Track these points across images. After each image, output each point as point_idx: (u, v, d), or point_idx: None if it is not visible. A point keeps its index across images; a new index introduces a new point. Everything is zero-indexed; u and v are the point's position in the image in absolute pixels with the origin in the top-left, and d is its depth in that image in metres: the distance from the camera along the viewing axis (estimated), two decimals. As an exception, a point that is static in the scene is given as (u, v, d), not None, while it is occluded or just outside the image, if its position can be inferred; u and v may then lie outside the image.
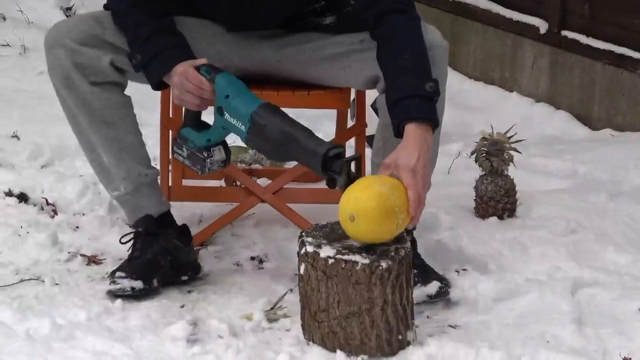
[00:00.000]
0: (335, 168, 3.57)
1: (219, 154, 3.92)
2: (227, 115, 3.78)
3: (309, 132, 3.70)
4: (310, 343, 3.70)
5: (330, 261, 3.58)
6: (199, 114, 3.93)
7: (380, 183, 3.54)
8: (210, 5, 4.12)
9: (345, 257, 3.57)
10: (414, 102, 3.60)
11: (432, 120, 3.62)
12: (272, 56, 4.14)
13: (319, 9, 4.13)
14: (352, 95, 4.32)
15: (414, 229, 4.05)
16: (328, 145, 3.62)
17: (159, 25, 3.95)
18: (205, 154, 3.91)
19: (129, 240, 4.11)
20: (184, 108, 3.99)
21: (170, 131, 4.31)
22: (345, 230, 3.58)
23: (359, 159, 3.91)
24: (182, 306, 3.96)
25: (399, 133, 3.66)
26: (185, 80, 3.80)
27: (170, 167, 4.40)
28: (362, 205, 3.49)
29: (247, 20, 4.11)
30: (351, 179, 3.56)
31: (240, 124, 3.75)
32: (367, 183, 3.57)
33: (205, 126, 3.93)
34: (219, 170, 4.04)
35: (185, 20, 4.07)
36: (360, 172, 3.86)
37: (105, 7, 4.08)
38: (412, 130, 3.56)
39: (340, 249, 3.58)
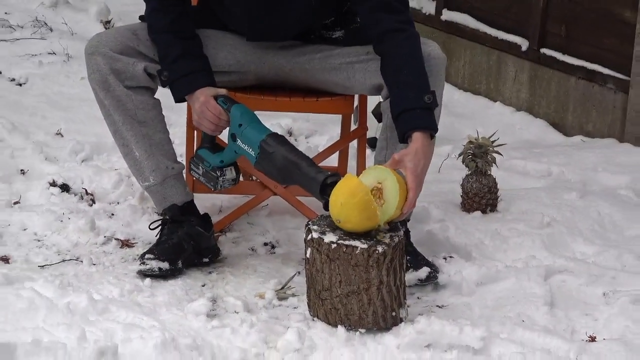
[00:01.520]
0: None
1: (230, 174, 4.01)
2: (239, 142, 3.87)
3: (310, 161, 3.79)
4: (315, 319, 3.74)
5: (333, 246, 3.62)
6: (214, 137, 4.01)
7: (364, 189, 3.59)
8: (233, 18, 4.12)
9: (346, 242, 3.62)
10: (415, 113, 3.65)
11: (431, 128, 3.67)
12: (286, 65, 4.15)
13: (329, 23, 4.14)
14: (355, 102, 4.33)
15: (408, 220, 4.08)
16: (326, 173, 3.72)
17: (187, 48, 3.99)
18: (218, 173, 3.99)
19: (158, 227, 4.15)
20: (202, 131, 4.03)
21: (195, 135, 4.34)
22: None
23: None
24: (203, 285, 4.00)
25: (403, 139, 3.72)
26: (206, 109, 3.88)
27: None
28: (346, 212, 3.59)
29: (264, 32, 4.11)
30: None
31: (250, 150, 3.83)
32: (351, 190, 3.60)
33: (219, 148, 4.01)
34: (229, 188, 4.08)
35: (209, 32, 4.11)
36: None
37: (141, 18, 4.13)
38: (416, 137, 3.62)
39: (341, 235, 3.63)
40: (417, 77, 3.75)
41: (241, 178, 4.18)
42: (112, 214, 4.47)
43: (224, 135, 4.02)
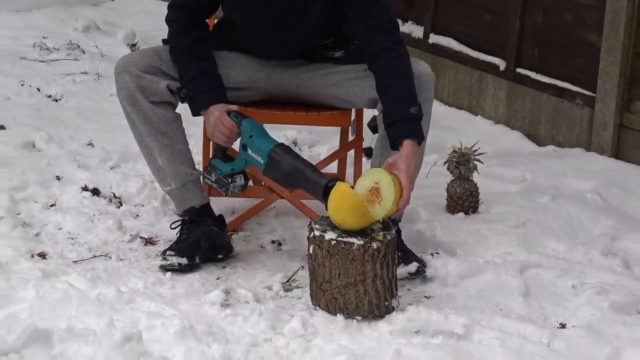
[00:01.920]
0: None
1: (240, 181, 4.02)
2: (249, 151, 3.89)
3: (313, 168, 3.82)
4: (317, 308, 3.74)
5: (333, 243, 3.63)
6: (226, 148, 4.03)
7: (352, 193, 3.64)
8: (245, 39, 4.13)
9: (344, 239, 3.63)
10: (403, 123, 3.67)
11: (417, 136, 3.68)
12: (292, 81, 4.15)
13: (330, 44, 4.13)
14: (353, 116, 4.33)
15: (400, 220, 4.08)
16: (327, 178, 3.75)
17: (203, 68, 4.01)
18: (229, 180, 4.01)
19: (177, 226, 4.15)
20: (215, 143, 4.05)
21: (209, 146, 4.35)
22: None
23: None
24: (218, 278, 4.00)
25: (394, 147, 3.73)
26: (220, 123, 3.90)
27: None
28: (340, 215, 3.63)
29: (273, 51, 4.12)
30: None
31: (260, 158, 3.85)
32: (341, 196, 3.63)
33: (230, 158, 4.03)
34: (240, 194, 4.10)
35: (224, 53, 4.12)
36: None
37: (164, 41, 4.14)
38: (405, 144, 3.64)
39: (340, 233, 3.64)
40: (406, 91, 3.76)
41: (250, 183, 4.18)
42: (137, 215, 4.47)
43: (232, 145, 4.05)
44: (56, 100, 5.72)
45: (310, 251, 3.72)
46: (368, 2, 3.88)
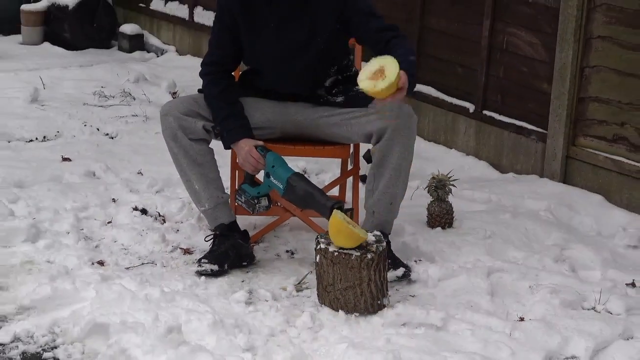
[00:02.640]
0: None
1: (264, 202, 4.04)
2: (272, 178, 3.93)
3: (321, 192, 3.86)
4: (323, 305, 3.74)
5: (335, 253, 3.64)
6: (253, 176, 4.05)
7: (345, 225, 3.65)
8: (263, 79, 4.15)
9: (345, 251, 3.64)
10: (405, 63, 3.62)
11: (411, 72, 3.68)
12: (303, 121, 4.15)
13: (334, 92, 4.13)
14: (351, 150, 4.33)
15: (389, 234, 4.07)
16: (332, 201, 3.78)
17: (233, 110, 4.04)
18: (256, 201, 4.03)
19: (210, 239, 4.15)
20: (244, 171, 4.07)
21: (236, 174, 4.35)
22: None
23: (352, 210, 3.98)
24: (243, 281, 4.00)
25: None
26: (249, 156, 3.93)
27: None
28: (337, 242, 3.68)
29: (285, 82, 4.12)
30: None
31: (280, 184, 3.89)
32: (336, 228, 3.66)
33: (256, 184, 4.04)
34: (264, 212, 4.12)
35: (248, 99, 4.13)
36: (353, 217, 3.90)
37: (199, 90, 4.15)
38: (403, 73, 3.59)
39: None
40: (408, 51, 3.79)
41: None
42: (178, 230, 4.47)
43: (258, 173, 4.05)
44: (112, 138, 5.74)
45: (317, 260, 3.73)
46: (368, 20, 3.93)
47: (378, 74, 3.61)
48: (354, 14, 3.96)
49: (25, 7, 7.60)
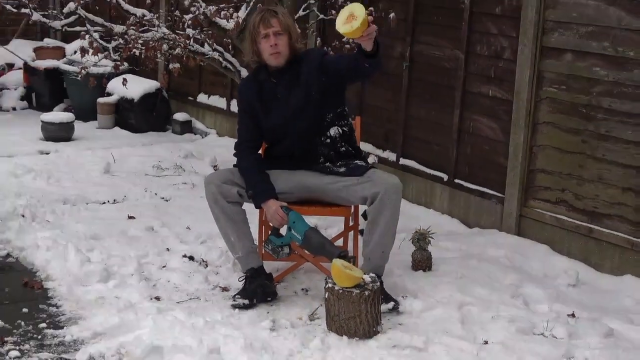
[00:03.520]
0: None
1: (286, 250, 4.05)
2: (293, 231, 3.95)
3: (330, 243, 3.93)
4: (330, 332, 3.74)
5: (340, 291, 3.66)
6: (278, 229, 4.05)
7: (344, 272, 3.65)
8: (279, 150, 4.16)
9: (347, 289, 3.66)
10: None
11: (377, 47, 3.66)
12: (313, 187, 4.14)
13: (339, 164, 4.10)
14: (352, 210, 4.33)
15: (382, 275, 4.04)
16: (339, 250, 3.84)
17: (261, 178, 4.06)
18: (280, 249, 4.04)
19: (243, 280, 4.13)
20: (271, 225, 4.07)
21: (263, 229, 4.35)
22: None
23: (353, 257, 3.98)
24: (268, 312, 3.98)
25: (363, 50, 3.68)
26: (276, 214, 3.94)
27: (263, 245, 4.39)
28: (340, 284, 3.68)
29: (296, 144, 4.10)
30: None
31: (299, 236, 3.92)
32: (337, 276, 3.66)
33: (281, 235, 4.04)
34: (286, 258, 4.12)
35: (272, 171, 4.13)
36: (354, 262, 3.89)
37: (234, 165, 4.17)
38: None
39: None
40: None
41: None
42: (217, 272, 4.45)
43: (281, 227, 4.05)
44: (167, 201, 5.75)
45: (326, 296, 3.73)
46: (340, 57, 4.02)
47: (350, 18, 3.51)
48: (329, 62, 4.00)
49: (100, 100, 7.69)
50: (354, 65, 3.80)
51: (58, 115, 7.31)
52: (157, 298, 4.10)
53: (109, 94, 7.66)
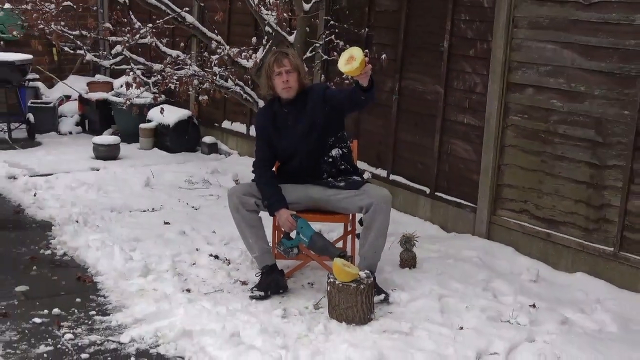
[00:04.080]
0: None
1: (295, 250, 4.03)
2: (301, 235, 3.93)
3: (332, 244, 3.90)
4: (332, 319, 3.72)
5: (340, 285, 3.63)
6: (288, 233, 4.02)
7: (343, 269, 3.63)
8: (291, 167, 4.13)
9: (346, 283, 3.63)
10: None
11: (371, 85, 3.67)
12: (318, 199, 4.13)
13: (339, 178, 4.09)
14: (350, 217, 4.31)
15: (375, 271, 4.02)
16: (339, 251, 3.81)
17: (275, 190, 4.03)
18: (290, 250, 4.01)
19: (259, 275, 4.11)
20: (283, 230, 4.05)
21: (276, 232, 4.33)
22: None
23: (351, 256, 4.00)
24: (280, 302, 3.97)
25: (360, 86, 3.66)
26: (287, 221, 3.91)
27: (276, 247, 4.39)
28: (340, 280, 3.65)
29: (304, 180, 4.11)
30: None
31: (306, 239, 3.90)
32: (337, 272, 3.64)
33: (291, 238, 4.01)
34: (295, 257, 4.09)
35: (285, 185, 4.11)
36: (352, 261, 3.90)
37: (253, 180, 4.15)
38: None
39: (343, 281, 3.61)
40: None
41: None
42: (238, 269, 4.44)
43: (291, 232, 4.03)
44: (196, 209, 5.74)
45: (328, 289, 3.72)
46: (340, 92, 3.93)
47: (350, 59, 3.53)
48: (331, 95, 3.99)
49: (142, 125, 7.72)
50: (352, 98, 3.81)
51: (107, 138, 7.33)
52: (188, 290, 4.09)
53: (149, 121, 7.69)
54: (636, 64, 4.17)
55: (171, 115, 7.53)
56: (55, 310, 3.80)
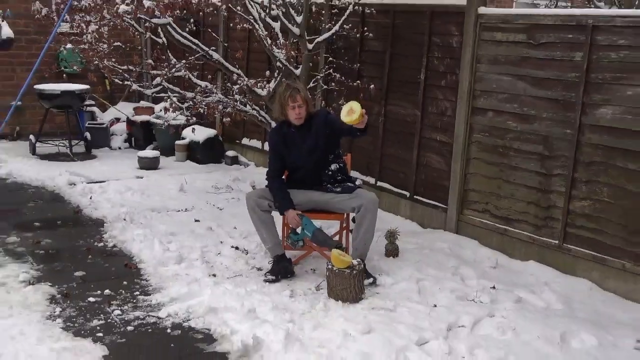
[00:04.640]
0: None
1: (301, 243, 4.01)
2: (305, 231, 3.90)
3: (330, 238, 3.88)
4: (330, 298, 3.70)
5: (336, 270, 3.61)
6: (295, 229, 3.99)
7: (340, 257, 3.61)
8: (298, 175, 4.10)
9: (341, 269, 3.60)
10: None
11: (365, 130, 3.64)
12: (319, 202, 4.11)
13: (337, 184, 4.07)
14: (345, 216, 4.29)
15: (365, 259, 3.99)
16: (336, 242, 3.78)
17: (285, 194, 4.00)
18: (297, 243, 3.99)
19: (271, 263, 4.11)
20: (290, 226, 4.02)
21: (285, 228, 4.31)
22: None
23: (345, 247, 3.97)
24: (288, 285, 3.94)
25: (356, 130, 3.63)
26: (294, 219, 3.89)
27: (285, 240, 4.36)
28: (337, 266, 3.62)
29: (308, 185, 4.09)
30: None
31: (309, 234, 3.87)
32: (335, 260, 3.62)
33: (297, 233, 3.98)
34: (300, 248, 4.06)
35: (292, 190, 4.09)
36: (346, 251, 3.88)
37: (266, 186, 4.13)
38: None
39: (340, 268, 3.59)
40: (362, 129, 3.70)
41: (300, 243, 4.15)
42: (254, 258, 4.42)
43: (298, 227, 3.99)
44: (221, 210, 5.72)
45: (327, 274, 3.70)
46: (340, 124, 3.79)
47: (350, 112, 3.54)
48: (332, 121, 3.96)
49: (177, 142, 7.71)
50: (350, 132, 3.84)
51: (149, 152, 7.32)
52: (214, 275, 4.08)
53: (183, 138, 7.68)
54: (576, 92, 4.19)
55: (201, 133, 7.53)
56: (107, 291, 3.80)
